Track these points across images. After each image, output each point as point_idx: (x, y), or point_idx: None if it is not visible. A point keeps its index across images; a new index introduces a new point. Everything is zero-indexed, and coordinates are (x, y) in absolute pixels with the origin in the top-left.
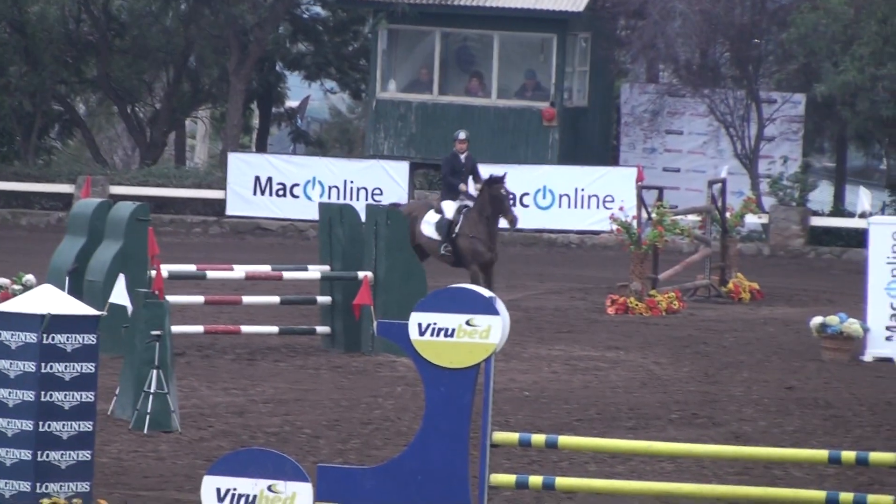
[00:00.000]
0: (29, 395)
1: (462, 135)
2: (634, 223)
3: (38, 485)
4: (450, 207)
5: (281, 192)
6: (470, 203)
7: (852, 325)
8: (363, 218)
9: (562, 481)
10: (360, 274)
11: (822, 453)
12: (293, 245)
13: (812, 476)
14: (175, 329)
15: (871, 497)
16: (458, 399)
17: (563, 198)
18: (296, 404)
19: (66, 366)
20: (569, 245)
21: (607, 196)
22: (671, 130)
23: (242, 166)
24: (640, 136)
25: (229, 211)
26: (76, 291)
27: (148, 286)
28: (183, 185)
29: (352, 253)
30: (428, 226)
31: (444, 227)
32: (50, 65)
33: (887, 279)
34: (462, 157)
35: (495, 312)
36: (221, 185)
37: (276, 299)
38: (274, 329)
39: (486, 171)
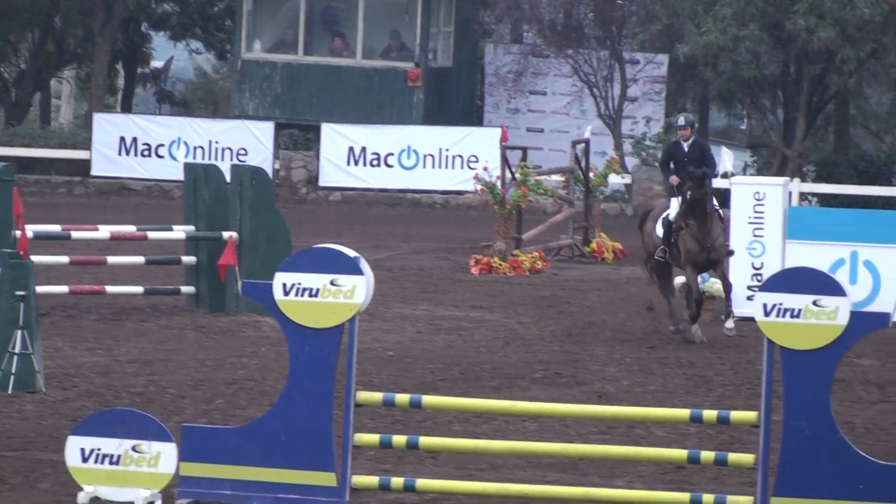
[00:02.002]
0: None
1: (682, 120)
2: (498, 183)
3: None
4: (673, 207)
5: (146, 153)
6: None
7: (714, 284)
8: (228, 178)
9: (425, 441)
10: (225, 234)
11: (684, 412)
12: (158, 205)
13: (674, 435)
14: (40, 289)
15: (732, 455)
16: (322, 359)
17: (428, 158)
18: (160, 364)
19: None
20: (433, 205)
21: (471, 156)
22: (535, 91)
23: (108, 127)
24: (505, 96)
25: (94, 171)
26: None
27: (12, 246)
28: (48, 146)
29: (217, 213)
30: (658, 226)
31: (665, 228)
32: None
33: (749, 239)
34: (685, 144)
35: (359, 272)
36: (87, 145)
37: (140, 259)
38: (139, 289)
39: (352, 131)
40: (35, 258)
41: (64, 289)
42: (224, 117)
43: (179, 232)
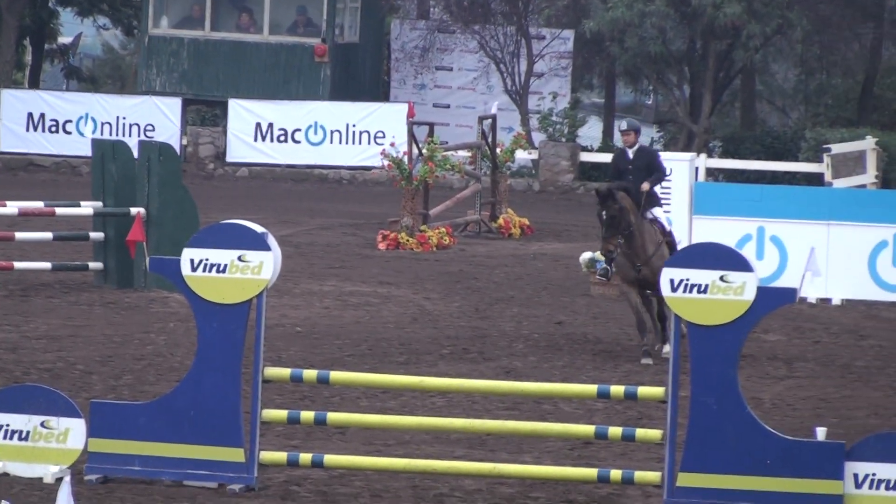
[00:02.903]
0: None
1: (623, 125)
2: (405, 159)
3: None
4: None
5: (54, 129)
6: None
7: None
8: (136, 154)
9: (333, 416)
10: (133, 210)
11: (592, 388)
12: (66, 181)
13: (582, 411)
14: None
15: (639, 431)
16: (230, 335)
17: (335, 134)
18: (69, 340)
19: None
20: (340, 181)
21: (378, 132)
22: (441, 66)
23: (15, 102)
24: (411, 72)
25: (2, 147)
26: None
27: None
28: None
29: (124, 189)
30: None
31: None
32: None
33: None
34: (630, 152)
35: (267, 248)
36: None
37: (49, 235)
38: (47, 265)
39: (260, 107)
40: None
41: None
42: (132, 93)
43: (87, 208)
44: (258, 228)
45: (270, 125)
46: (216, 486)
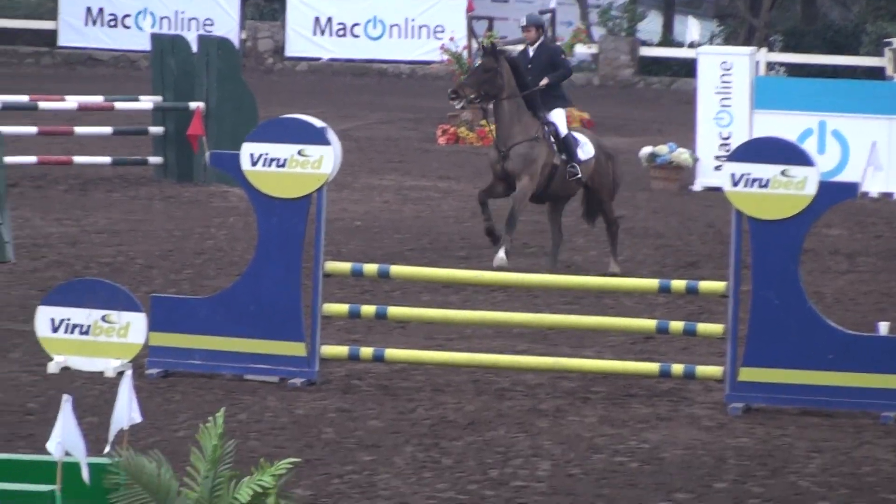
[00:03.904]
0: None
1: (523, 20)
2: (465, 54)
3: None
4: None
5: (112, 23)
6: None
7: (681, 154)
8: (195, 49)
9: (394, 310)
10: (192, 105)
11: (653, 282)
12: (125, 76)
13: (643, 305)
14: (8, 160)
15: (701, 326)
16: (290, 229)
17: (394, 28)
18: (129, 235)
19: None
20: (400, 75)
21: (438, 26)
22: None
23: None
24: None
25: (61, 42)
26: None
27: None
28: (14, 16)
29: (183, 84)
30: None
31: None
32: None
33: (716, 109)
34: (531, 49)
35: (327, 142)
36: (53, 15)
37: (108, 130)
38: (107, 160)
39: (318, 1)
40: (3, 129)
41: (32, 159)
42: None
43: (147, 102)
44: (318, 122)
45: (329, 19)
46: (277, 380)
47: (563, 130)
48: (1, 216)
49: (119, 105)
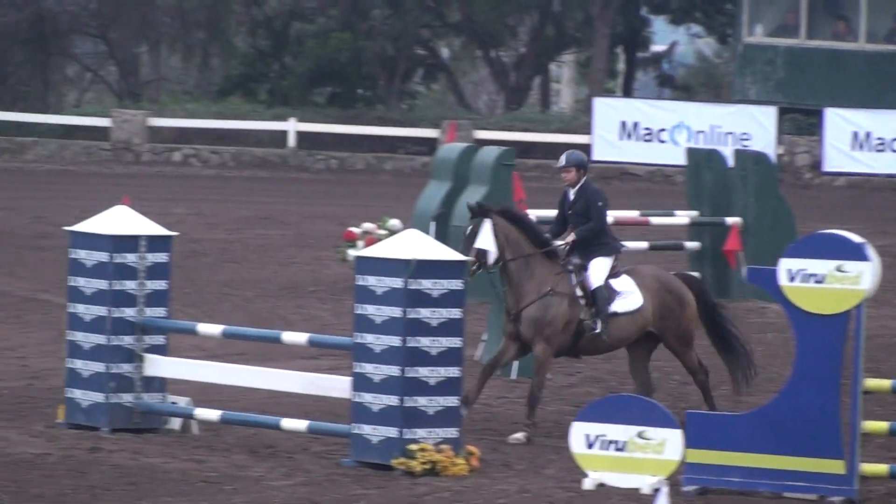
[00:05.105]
0: (395, 341)
1: (562, 160)
2: None
3: (405, 430)
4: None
5: (647, 137)
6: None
7: None
8: (730, 163)
9: None
10: (728, 220)
11: None
12: (660, 190)
13: None
14: None
15: None
16: (828, 345)
17: None
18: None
19: (432, 311)
20: None
21: None
22: None
23: (608, 111)
24: None
25: (595, 156)
26: (442, 237)
27: None
28: (548, 130)
29: (719, 198)
30: None
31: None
32: (413, 9)
33: None
34: (571, 192)
35: (866, 258)
36: (587, 129)
37: (644, 244)
38: None
39: (857, 115)
40: None
41: None
42: (726, 102)
43: (682, 217)
44: (857, 238)
45: (868, 134)
46: (815, 497)
47: (595, 283)
48: None
49: (654, 220)
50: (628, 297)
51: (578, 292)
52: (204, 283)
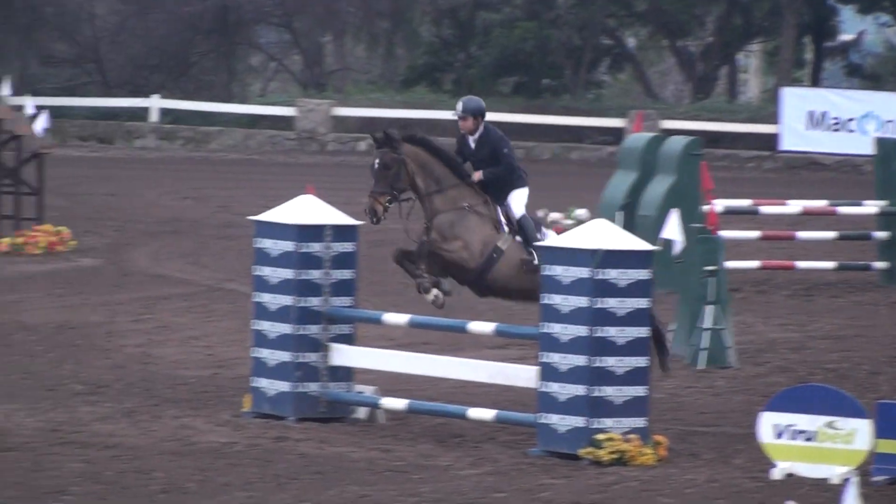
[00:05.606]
0: (582, 330)
1: (459, 108)
2: None
3: (592, 420)
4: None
5: (836, 127)
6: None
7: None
8: None
9: None
10: None
11: None
12: (848, 180)
13: None
14: (729, 265)
15: None
16: None
17: None
18: (854, 340)
19: (619, 301)
20: None
21: None
22: None
23: (797, 101)
24: None
25: (783, 146)
26: (629, 226)
27: (701, 221)
28: (735, 120)
29: None
30: None
31: None
32: None
33: None
34: (471, 140)
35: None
36: (774, 119)
37: (831, 234)
38: (830, 264)
39: None
40: (724, 233)
41: (754, 264)
42: None
43: (871, 207)
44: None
45: None
46: None
47: (519, 211)
48: (723, 321)
49: (842, 210)
50: (547, 233)
51: (502, 219)
52: (390, 272)
